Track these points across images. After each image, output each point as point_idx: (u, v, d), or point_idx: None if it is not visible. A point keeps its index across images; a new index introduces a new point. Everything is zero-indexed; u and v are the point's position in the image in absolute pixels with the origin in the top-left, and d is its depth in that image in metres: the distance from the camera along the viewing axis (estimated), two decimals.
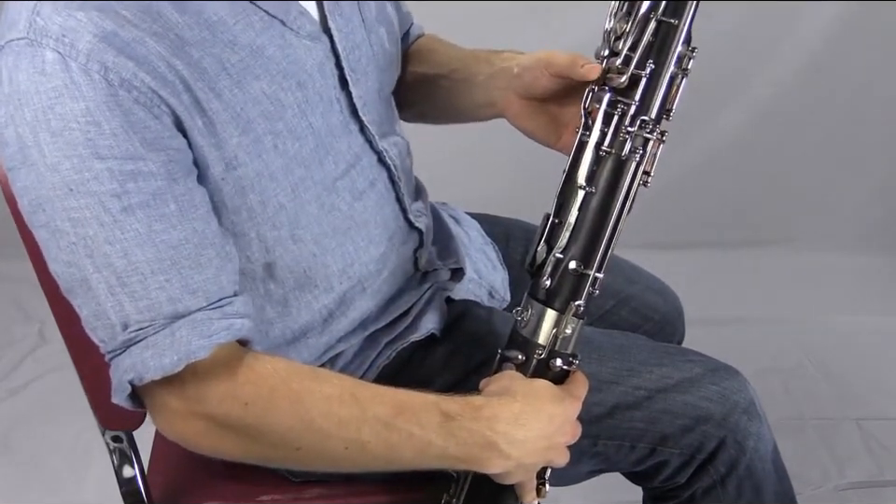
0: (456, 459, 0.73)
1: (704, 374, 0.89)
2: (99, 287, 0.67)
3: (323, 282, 0.84)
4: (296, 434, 0.71)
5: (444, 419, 0.72)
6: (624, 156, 0.75)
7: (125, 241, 0.66)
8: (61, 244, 0.67)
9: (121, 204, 0.66)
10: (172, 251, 0.68)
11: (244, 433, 0.71)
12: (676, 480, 0.90)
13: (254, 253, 0.79)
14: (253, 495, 0.96)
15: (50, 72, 0.64)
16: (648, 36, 0.75)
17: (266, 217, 0.77)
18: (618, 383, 0.88)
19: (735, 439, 0.87)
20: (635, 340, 0.96)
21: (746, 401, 0.88)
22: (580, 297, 0.77)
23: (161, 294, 0.67)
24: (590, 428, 0.85)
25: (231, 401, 0.70)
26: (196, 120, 0.70)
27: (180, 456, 1.02)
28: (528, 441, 0.74)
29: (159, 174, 0.67)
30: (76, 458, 1.68)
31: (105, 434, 0.93)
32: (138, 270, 0.67)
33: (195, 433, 0.72)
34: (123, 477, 0.94)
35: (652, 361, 0.90)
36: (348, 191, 0.83)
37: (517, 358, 0.79)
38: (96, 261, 0.66)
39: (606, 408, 0.87)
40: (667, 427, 0.87)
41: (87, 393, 0.88)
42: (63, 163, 0.65)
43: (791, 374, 1.90)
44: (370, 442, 0.71)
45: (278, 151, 0.76)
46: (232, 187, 0.74)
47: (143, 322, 0.67)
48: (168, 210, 0.68)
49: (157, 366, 0.67)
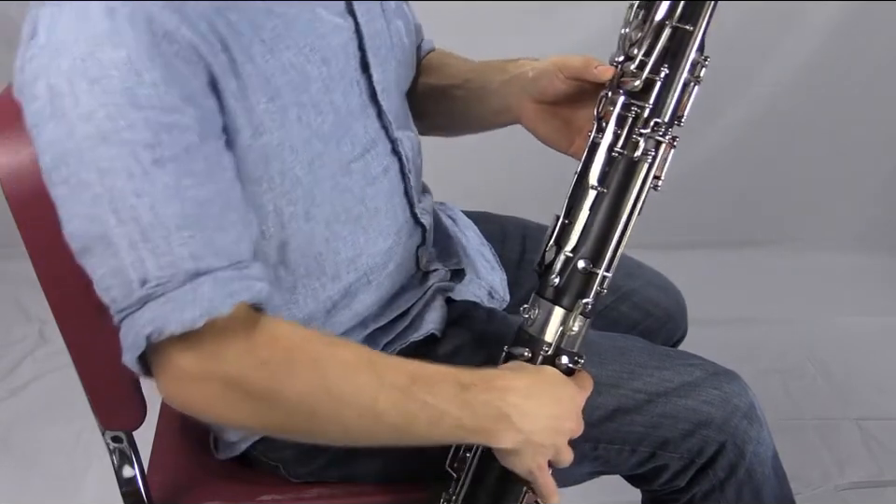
0: (469, 431, 0.73)
1: (704, 378, 0.89)
2: (120, 241, 0.65)
3: (332, 269, 0.84)
4: (312, 400, 0.70)
5: (459, 389, 0.72)
6: (637, 157, 0.76)
7: (153, 194, 0.65)
8: (83, 197, 0.65)
9: (153, 156, 0.65)
10: (198, 208, 0.66)
11: (259, 397, 0.69)
12: (675, 483, 0.90)
13: (269, 227, 0.79)
14: (253, 495, 0.96)
15: (94, 18, 0.63)
16: (663, 42, 0.76)
17: (284, 190, 0.77)
18: (618, 386, 0.88)
19: (735, 443, 0.87)
20: (634, 342, 0.96)
21: (746, 405, 0.88)
22: (588, 295, 0.77)
23: (183, 250, 0.66)
24: (590, 432, 0.85)
25: (249, 360, 0.68)
26: (230, 82, 0.70)
27: (180, 456, 1.02)
28: (539, 417, 0.74)
29: (193, 129, 0.66)
30: (76, 458, 1.68)
31: (105, 434, 0.93)
32: (163, 224, 0.65)
33: (207, 397, 0.69)
34: (123, 477, 0.94)
35: (653, 364, 0.90)
36: (361, 175, 0.83)
37: (523, 355, 0.79)
38: (120, 214, 0.65)
39: (606, 411, 0.87)
40: (668, 431, 0.87)
41: (87, 393, 0.88)
42: (99, 112, 0.64)
43: (791, 374, 1.90)
44: (385, 411, 0.70)
45: (301, 123, 0.76)
46: (257, 155, 0.74)
47: (162, 278, 0.65)
48: (198, 167, 0.67)
49: (178, 319, 0.65)
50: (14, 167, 0.79)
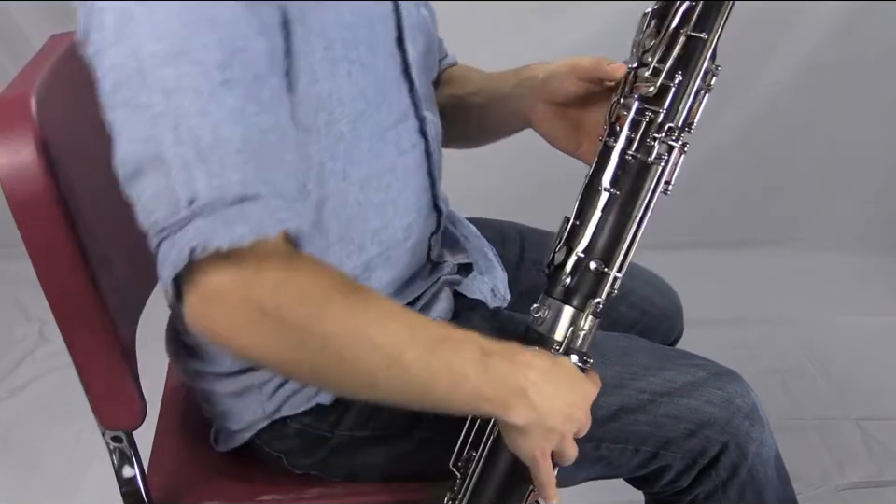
0: (486, 400, 0.72)
1: (707, 379, 0.89)
2: (174, 161, 0.64)
3: (359, 238, 0.86)
4: (342, 341, 0.68)
5: (482, 354, 0.71)
6: (651, 161, 0.78)
7: (218, 115, 0.64)
8: (141, 118, 0.65)
9: (223, 76, 0.65)
10: (258, 136, 0.66)
11: (290, 330, 0.67)
12: (678, 484, 0.91)
13: (311, 181, 0.80)
14: (253, 495, 0.97)
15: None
16: (678, 50, 0.78)
17: (328, 143, 0.79)
18: (622, 386, 0.88)
19: (738, 443, 0.87)
20: (637, 343, 0.96)
21: (749, 406, 0.88)
22: (600, 295, 0.78)
23: (235, 175, 0.64)
24: (594, 431, 0.85)
25: (287, 290, 0.66)
26: (298, 27, 0.72)
27: (180, 456, 1.02)
28: (555, 399, 0.74)
29: (263, 59, 0.68)
30: (76, 458, 1.69)
31: (104, 434, 0.93)
32: (221, 146, 0.64)
33: (237, 322, 0.66)
34: (123, 477, 0.94)
35: (656, 365, 0.90)
36: (394, 145, 0.86)
37: None
38: (179, 134, 0.64)
39: (610, 411, 0.87)
40: (670, 431, 0.87)
41: (87, 393, 0.88)
42: (175, 32, 0.64)
43: (791, 374, 1.90)
44: (410, 365, 0.69)
45: (350, 78, 0.78)
46: (311, 102, 0.76)
47: (212, 198, 0.64)
48: (263, 97, 0.67)
49: (226, 234, 0.63)
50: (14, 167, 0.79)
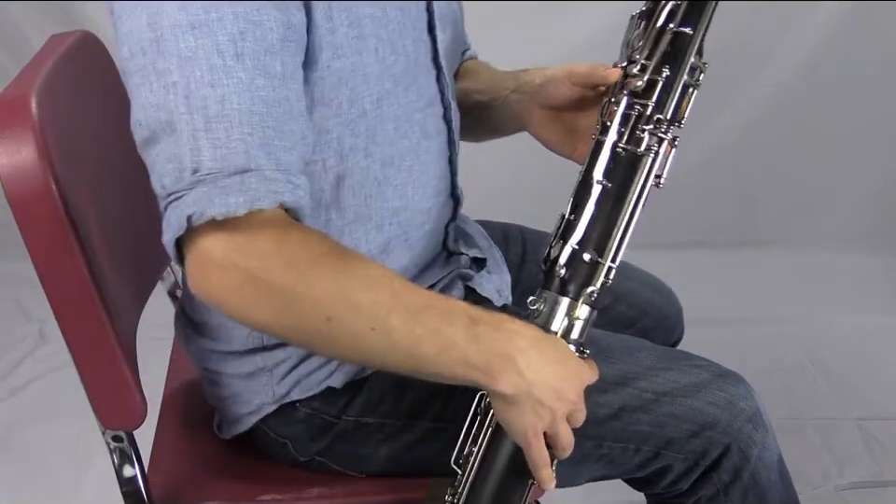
0: (473, 367, 0.73)
1: (711, 380, 0.89)
2: (183, 129, 0.68)
3: (377, 216, 0.86)
4: (330, 303, 0.70)
5: (470, 322, 0.72)
6: (640, 152, 0.79)
7: (227, 86, 0.68)
8: (156, 85, 0.68)
9: (236, 49, 0.68)
10: (264, 108, 0.69)
11: (279, 294, 0.70)
12: (679, 486, 0.90)
13: (330, 157, 0.81)
14: (253, 495, 0.97)
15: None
16: (664, 46, 0.80)
17: (349, 118, 0.80)
18: (625, 384, 0.88)
19: (740, 446, 0.87)
20: (642, 343, 0.96)
21: (751, 409, 0.88)
22: (594, 283, 0.79)
23: (240, 145, 0.68)
24: (596, 429, 0.85)
25: (276, 258, 0.69)
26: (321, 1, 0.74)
27: (180, 456, 1.02)
28: (542, 370, 0.74)
29: (277, 33, 0.70)
30: (76, 458, 1.68)
31: (105, 434, 0.93)
32: (228, 117, 0.68)
33: (228, 287, 0.70)
34: (123, 477, 0.94)
35: (659, 365, 0.90)
36: (420, 127, 0.87)
37: None
38: (191, 102, 0.68)
39: (612, 409, 0.87)
40: (672, 431, 0.87)
41: (87, 393, 0.88)
42: (195, 2, 0.67)
43: (791, 374, 1.90)
44: (396, 328, 0.71)
45: (377, 56, 0.79)
46: (333, 77, 0.77)
47: (213, 168, 0.68)
48: (274, 70, 0.70)
49: (222, 203, 0.67)
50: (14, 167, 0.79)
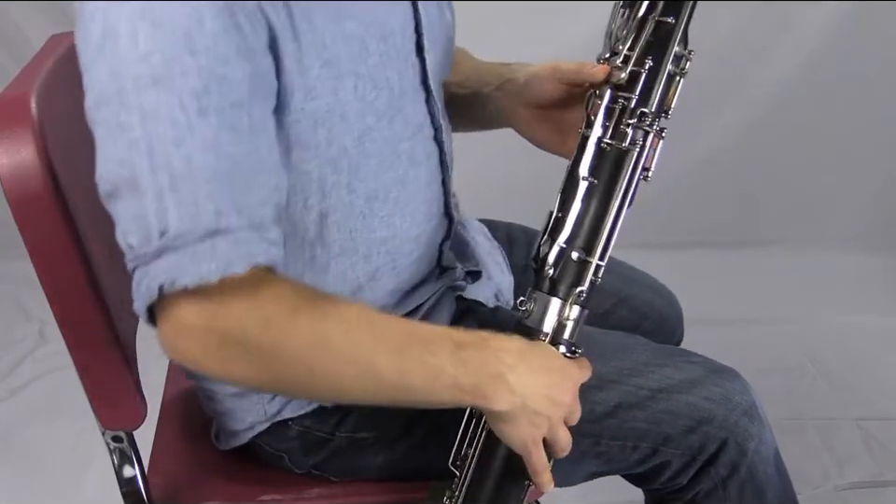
0: (465, 391, 0.72)
1: (706, 375, 0.89)
2: (148, 188, 0.66)
3: (364, 248, 0.85)
4: (311, 354, 0.70)
5: (455, 347, 0.72)
6: (626, 147, 0.78)
7: (191, 144, 0.65)
8: (119, 140, 0.66)
9: (199, 105, 0.65)
10: (231, 164, 0.67)
11: (258, 352, 0.69)
12: (677, 481, 0.91)
13: (311, 196, 0.80)
14: (253, 495, 0.97)
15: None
16: (646, 36, 0.79)
17: (329, 158, 0.78)
18: (620, 382, 0.88)
19: (737, 440, 0.87)
20: (637, 340, 0.96)
21: (747, 403, 0.88)
22: (583, 283, 0.78)
23: (208, 205, 0.66)
24: (593, 428, 0.85)
25: (252, 317, 0.68)
26: (288, 44, 0.71)
27: (180, 456, 1.02)
28: (533, 382, 0.74)
29: (244, 85, 0.67)
30: (76, 458, 1.68)
31: (105, 434, 0.93)
32: (194, 176, 0.66)
33: (204, 350, 0.69)
34: (123, 477, 0.94)
35: (655, 361, 0.90)
36: (407, 157, 0.84)
37: None
38: (154, 161, 0.65)
39: (608, 407, 0.87)
40: (669, 428, 0.87)
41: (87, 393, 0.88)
42: (155, 55, 0.64)
43: (791, 374, 1.90)
44: (382, 369, 0.70)
45: (356, 94, 0.77)
46: (308, 119, 0.75)
47: (182, 231, 0.66)
48: (240, 124, 0.67)
49: (194, 272, 0.65)
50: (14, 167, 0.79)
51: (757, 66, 2.16)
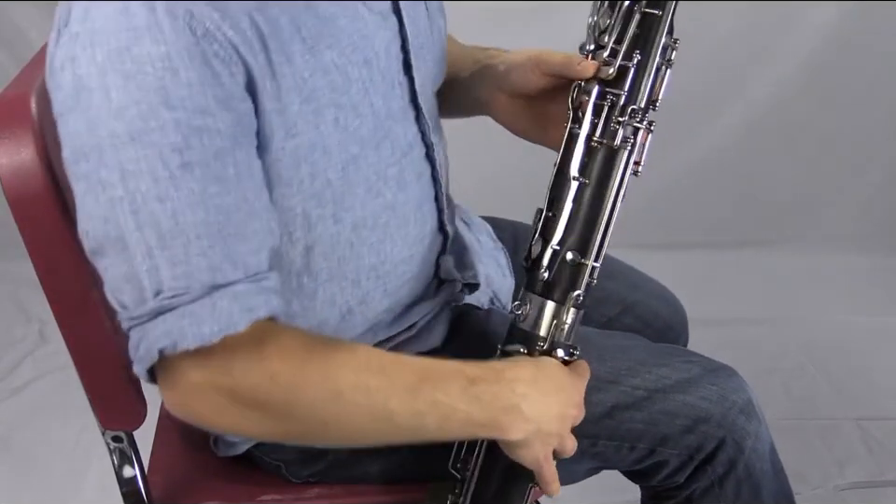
0: (481, 426, 0.72)
1: (702, 374, 0.89)
2: (137, 247, 0.63)
3: (353, 274, 0.83)
4: (323, 409, 0.69)
5: (468, 383, 0.71)
6: (616, 145, 0.76)
7: (177, 199, 0.63)
8: (101, 197, 0.63)
9: (181, 160, 0.63)
10: (222, 217, 0.65)
11: (269, 408, 0.68)
12: (674, 479, 0.91)
13: (297, 230, 0.77)
14: (253, 495, 0.96)
15: (134, 11, 0.61)
16: (633, 28, 0.77)
17: (313, 192, 0.75)
18: (617, 382, 0.88)
19: (734, 438, 0.87)
20: (633, 340, 0.96)
21: (744, 401, 0.88)
22: (579, 287, 0.77)
23: (201, 261, 0.64)
24: (589, 428, 0.85)
25: (259, 374, 0.67)
26: (266, 84, 0.67)
27: (180, 456, 1.02)
28: (546, 406, 0.74)
29: (225, 133, 0.64)
30: (76, 458, 1.68)
31: (105, 434, 0.93)
32: (184, 232, 0.63)
33: (214, 409, 0.68)
34: (123, 477, 0.94)
35: (651, 361, 0.90)
36: (395, 181, 0.82)
37: (519, 352, 0.79)
38: (140, 219, 0.63)
39: (605, 408, 0.87)
40: (666, 428, 0.87)
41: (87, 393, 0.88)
42: (130, 109, 0.61)
43: (791, 374, 1.90)
44: (396, 412, 0.69)
45: (338, 125, 0.74)
46: (289, 157, 0.72)
47: (178, 289, 0.64)
48: (226, 174, 0.65)
49: (195, 334, 0.63)
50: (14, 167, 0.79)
51: (757, 66, 2.16)
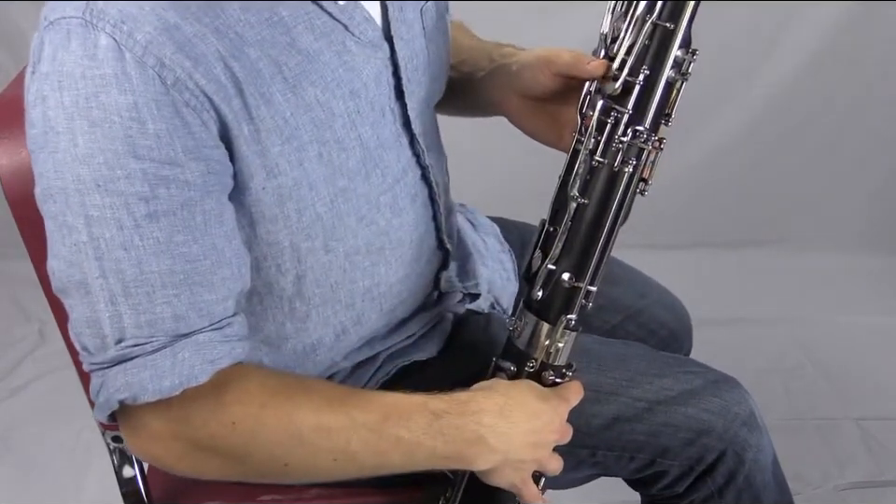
0: (446, 459, 0.72)
1: (705, 386, 0.89)
2: (99, 293, 0.63)
3: (346, 297, 0.82)
4: (284, 452, 0.69)
5: (432, 419, 0.71)
6: (617, 167, 0.72)
7: (142, 248, 0.62)
8: (66, 240, 0.63)
9: (147, 209, 0.62)
10: (188, 266, 0.64)
11: (229, 454, 0.69)
12: (674, 489, 0.90)
13: (285, 262, 0.76)
14: (253, 495, 0.96)
15: (102, 58, 0.60)
16: (643, 40, 0.72)
17: (301, 227, 0.74)
18: (618, 394, 0.87)
19: (735, 450, 0.87)
20: (635, 349, 0.95)
21: (746, 413, 0.88)
22: (572, 310, 0.76)
23: (166, 310, 0.64)
24: (589, 439, 0.85)
25: (218, 423, 0.67)
26: (243, 128, 0.66)
27: None
28: (514, 435, 0.73)
29: (194, 184, 0.63)
30: (76, 458, 1.68)
31: (104, 434, 0.93)
32: (148, 281, 0.63)
33: (174, 455, 0.68)
34: (123, 477, 0.94)
35: (653, 372, 0.89)
36: (389, 207, 0.80)
37: (510, 369, 0.78)
38: (104, 266, 0.62)
39: (605, 420, 0.87)
40: (668, 440, 0.87)
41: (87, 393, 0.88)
42: (97, 157, 0.60)
43: (790, 374, 1.90)
44: (358, 452, 0.69)
45: (322, 161, 0.72)
46: (272, 196, 0.70)
47: (140, 338, 0.64)
48: (194, 223, 0.64)
49: (155, 389, 0.64)
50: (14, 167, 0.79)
51: (757, 66, 2.16)
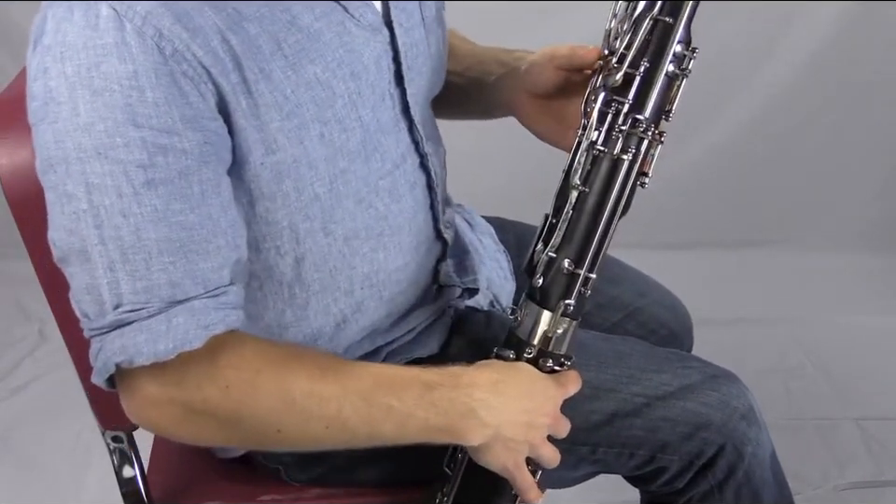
0: (437, 430, 0.73)
1: (703, 381, 0.89)
2: (99, 260, 0.65)
3: (346, 284, 0.83)
4: (277, 417, 0.70)
5: (424, 390, 0.72)
6: (616, 155, 0.75)
7: (140, 216, 0.64)
8: (66, 209, 0.65)
9: (146, 177, 0.64)
10: (184, 233, 0.66)
11: (222, 418, 0.70)
12: (674, 485, 0.90)
13: (284, 244, 0.77)
14: (253, 495, 0.97)
15: (103, 28, 0.62)
16: (643, 35, 0.75)
17: (300, 206, 0.75)
18: (617, 390, 0.88)
19: (734, 445, 0.87)
20: (633, 345, 0.95)
21: (745, 407, 0.88)
22: (570, 296, 0.77)
23: (162, 276, 0.65)
24: (589, 436, 0.85)
25: (213, 386, 0.68)
26: (241, 102, 0.68)
27: (180, 456, 1.02)
28: (506, 411, 0.74)
29: (191, 153, 0.65)
30: (76, 458, 1.68)
31: (104, 434, 0.93)
32: (145, 248, 0.64)
33: (169, 420, 0.69)
34: (123, 477, 0.94)
35: (651, 367, 0.90)
36: (388, 192, 0.81)
37: (509, 357, 0.79)
38: (103, 233, 0.64)
39: (604, 416, 0.87)
40: (667, 435, 0.87)
41: (87, 393, 0.89)
42: (97, 125, 0.62)
43: (791, 374, 1.90)
44: (350, 419, 0.70)
45: (323, 140, 0.73)
46: (270, 172, 0.72)
47: (137, 304, 0.65)
48: (191, 192, 0.66)
49: (150, 351, 0.65)
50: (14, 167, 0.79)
51: (757, 66, 2.16)
